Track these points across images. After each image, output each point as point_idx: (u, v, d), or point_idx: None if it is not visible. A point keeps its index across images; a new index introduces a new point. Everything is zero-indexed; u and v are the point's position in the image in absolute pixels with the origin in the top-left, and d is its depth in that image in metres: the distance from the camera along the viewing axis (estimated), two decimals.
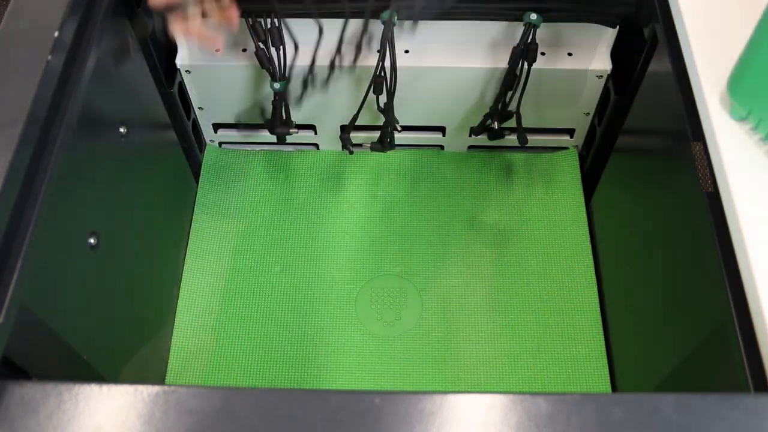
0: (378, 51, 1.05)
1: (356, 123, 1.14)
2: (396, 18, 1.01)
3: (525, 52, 1.06)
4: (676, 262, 0.84)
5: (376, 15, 1.03)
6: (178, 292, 1.17)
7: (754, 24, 0.66)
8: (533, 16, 1.02)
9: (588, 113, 1.18)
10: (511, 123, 1.16)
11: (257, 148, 1.33)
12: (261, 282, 1.17)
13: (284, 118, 1.16)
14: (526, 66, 1.07)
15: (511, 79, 1.09)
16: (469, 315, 1.13)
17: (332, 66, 1.01)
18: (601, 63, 1.09)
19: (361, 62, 1.10)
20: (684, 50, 0.79)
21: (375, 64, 1.06)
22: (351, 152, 1.20)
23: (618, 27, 1.06)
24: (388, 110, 1.12)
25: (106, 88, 0.84)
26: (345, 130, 1.16)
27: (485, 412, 0.54)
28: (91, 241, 0.80)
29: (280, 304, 1.15)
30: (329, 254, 1.20)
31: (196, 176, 1.28)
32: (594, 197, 1.22)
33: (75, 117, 0.73)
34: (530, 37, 1.04)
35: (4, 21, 0.73)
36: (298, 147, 1.32)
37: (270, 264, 1.19)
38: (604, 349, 1.10)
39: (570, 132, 1.25)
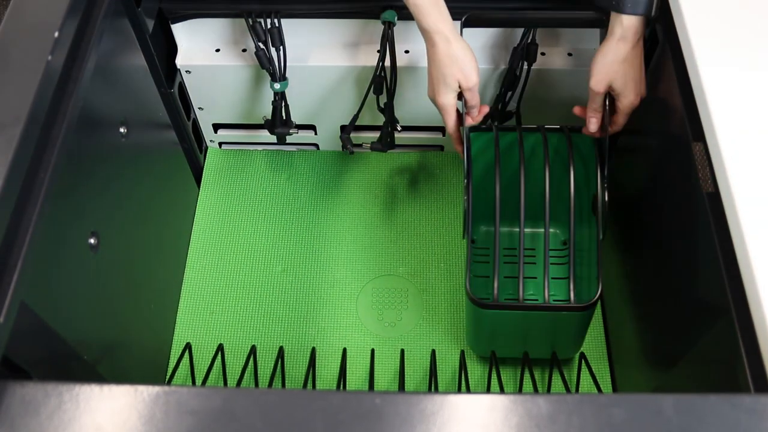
0: (378, 51, 1.05)
1: (356, 123, 1.14)
2: (396, 18, 1.01)
3: (525, 52, 1.06)
4: (677, 261, 0.84)
5: (376, 15, 1.03)
6: (180, 292, 1.17)
7: (753, 24, 0.66)
8: None
9: None
10: (511, 123, 1.16)
11: (257, 148, 1.33)
12: (263, 282, 1.17)
13: (284, 118, 1.16)
14: (526, 66, 1.07)
15: (511, 79, 1.09)
16: None
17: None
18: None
19: (361, 62, 1.11)
20: (684, 50, 0.79)
21: (375, 64, 1.06)
22: (351, 152, 1.20)
23: None
24: (388, 110, 1.12)
25: (106, 88, 0.84)
26: (345, 130, 1.15)
27: (486, 412, 0.54)
28: (92, 241, 0.80)
29: (282, 303, 1.15)
30: (330, 254, 1.20)
31: (197, 176, 1.28)
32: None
33: (75, 117, 0.73)
34: (530, 37, 1.04)
35: (4, 21, 0.73)
36: (299, 147, 1.32)
37: (271, 264, 1.19)
38: (604, 348, 1.10)
39: None
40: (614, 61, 0.85)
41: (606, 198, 0.93)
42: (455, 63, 0.88)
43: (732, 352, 0.65)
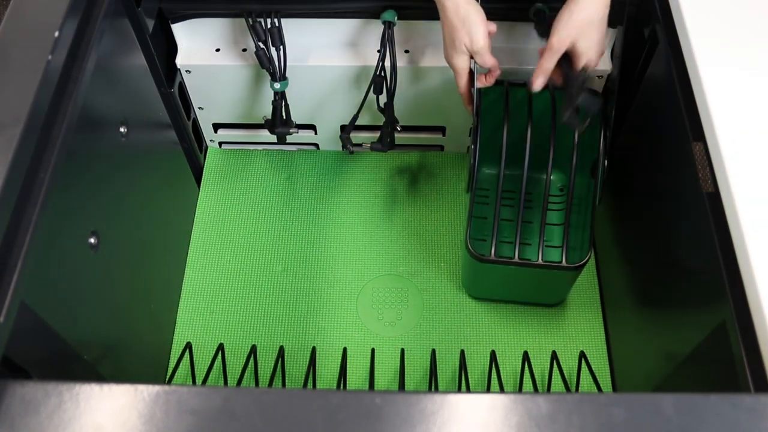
0: (378, 51, 1.05)
1: (356, 123, 1.14)
2: (396, 18, 1.01)
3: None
4: (677, 261, 0.84)
5: (376, 15, 1.03)
6: (180, 292, 1.17)
7: (753, 24, 0.66)
8: None
9: None
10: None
11: (257, 147, 1.33)
12: (263, 281, 1.18)
13: (284, 117, 1.16)
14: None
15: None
16: (470, 315, 1.13)
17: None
18: (602, 63, 1.09)
19: (361, 62, 1.11)
20: (684, 50, 0.79)
21: (375, 64, 1.06)
22: (351, 152, 1.20)
23: (618, 27, 1.06)
24: (388, 110, 1.12)
25: (106, 88, 0.84)
26: (345, 130, 1.16)
27: (486, 412, 0.54)
28: (92, 240, 0.80)
29: (282, 303, 1.15)
30: (331, 254, 1.20)
31: (197, 176, 1.28)
32: None
33: (75, 117, 0.73)
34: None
35: (4, 21, 0.73)
36: (299, 147, 1.32)
37: (272, 263, 1.19)
38: (604, 349, 1.10)
39: None
40: (584, 19, 0.85)
41: (605, 161, 0.97)
42: (463, 26, 0.88)
43: (732, 352, 0.65)
